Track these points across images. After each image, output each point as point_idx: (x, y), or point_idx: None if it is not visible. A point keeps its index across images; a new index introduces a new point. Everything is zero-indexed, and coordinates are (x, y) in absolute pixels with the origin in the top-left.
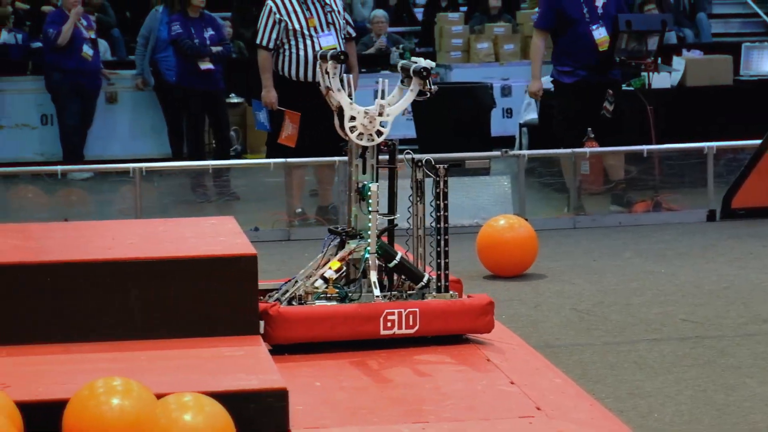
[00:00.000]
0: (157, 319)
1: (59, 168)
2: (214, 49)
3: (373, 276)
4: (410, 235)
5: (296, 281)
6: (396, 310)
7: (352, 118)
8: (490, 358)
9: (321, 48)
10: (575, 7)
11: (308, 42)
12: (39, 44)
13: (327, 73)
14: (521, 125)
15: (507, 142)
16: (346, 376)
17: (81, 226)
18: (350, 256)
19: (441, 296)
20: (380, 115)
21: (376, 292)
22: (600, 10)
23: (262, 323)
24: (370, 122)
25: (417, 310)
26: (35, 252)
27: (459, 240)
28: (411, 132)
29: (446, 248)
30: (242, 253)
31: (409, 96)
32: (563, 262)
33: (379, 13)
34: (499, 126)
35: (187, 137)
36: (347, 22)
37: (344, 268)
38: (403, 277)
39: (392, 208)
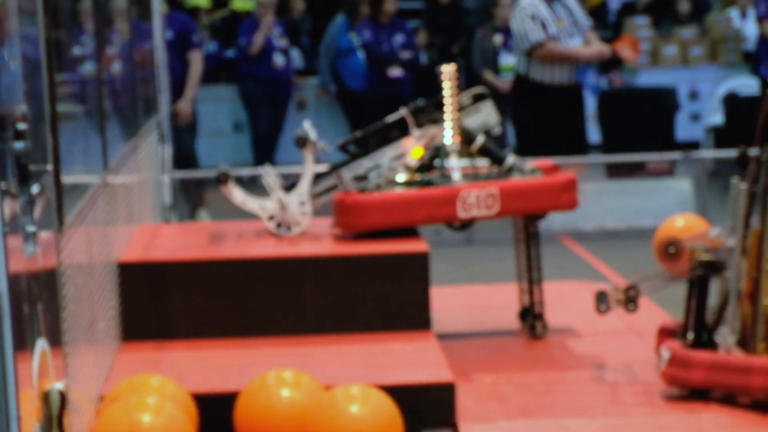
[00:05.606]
0: (331, 315)
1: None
2: (403, 55)
3: (454, 160)
4: None
5: (380, 169)
6: (473, 192)
7: (271, 218)
8: None
9: None
10: None
11: (559, 44)
12: (231, 53)
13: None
14: (707, 129)
15: (694, 146)
16: (516, 370)
17: (259, 224)
18: (433, 142)
19: (524, 176)
20: (282, 208)
21: (456, 176)
22: None
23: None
24: (284, 214)
25: (496, 190)
26: (213, 249)
27: (641, 242)
28: (595, 137)
29: None
30: (414, 251)
31: (307, 170)
32: None
33: None
34: (686, 130)
35: None
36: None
37: (425, 154)
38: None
39: None
